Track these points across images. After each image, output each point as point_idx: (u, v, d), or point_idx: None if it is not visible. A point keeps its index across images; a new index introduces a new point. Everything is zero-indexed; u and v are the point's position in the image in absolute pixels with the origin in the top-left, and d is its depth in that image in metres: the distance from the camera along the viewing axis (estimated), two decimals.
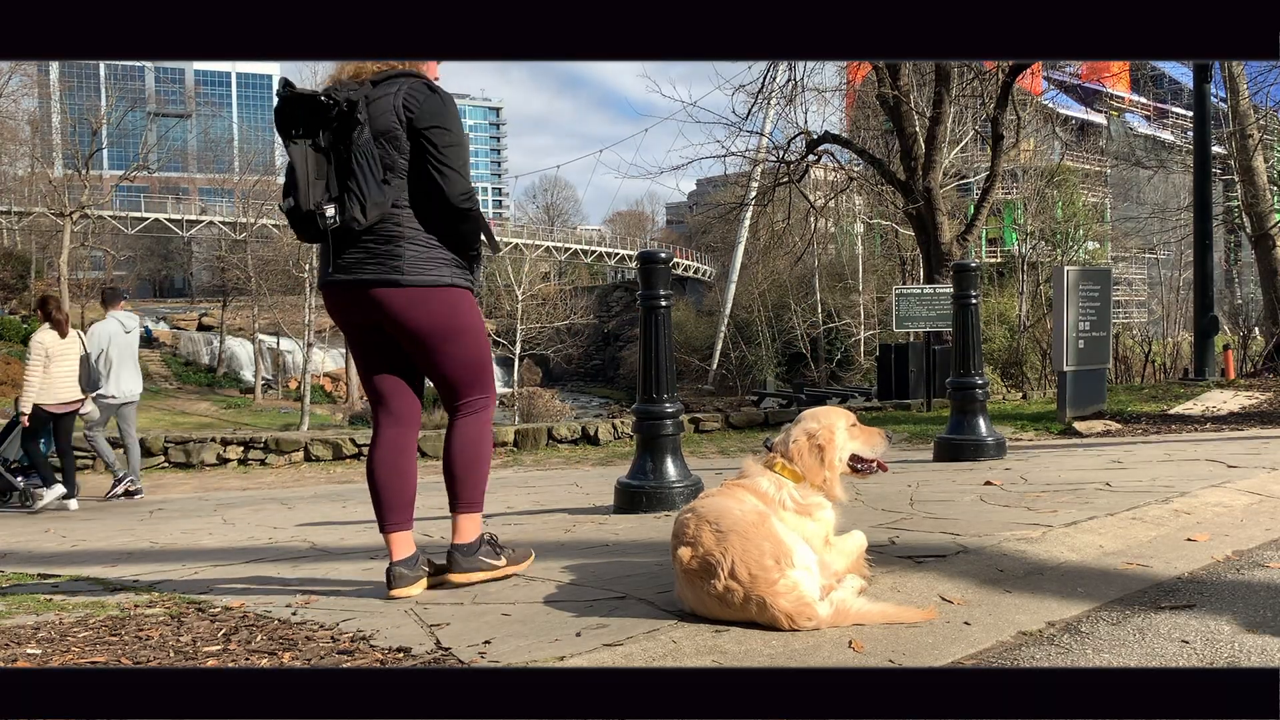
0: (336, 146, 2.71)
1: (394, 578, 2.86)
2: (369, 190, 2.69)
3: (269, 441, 10.98)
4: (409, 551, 2.91)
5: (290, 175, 2.72)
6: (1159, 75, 36.82)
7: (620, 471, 5.00)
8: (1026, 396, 15.15)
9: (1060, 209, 36.38)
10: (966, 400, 5.98)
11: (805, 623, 2.20)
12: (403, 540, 2.91)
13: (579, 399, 48.50)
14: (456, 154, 2.80)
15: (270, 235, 43.58)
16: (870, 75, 16.96)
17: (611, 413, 36.98)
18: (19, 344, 40.36)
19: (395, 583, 2.86)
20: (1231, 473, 4.50)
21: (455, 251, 2.87)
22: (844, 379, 38.50)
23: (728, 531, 2.26)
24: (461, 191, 2.80)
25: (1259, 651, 2.09)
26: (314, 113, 2.70)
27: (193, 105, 66.86)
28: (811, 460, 2.46)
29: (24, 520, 7.11)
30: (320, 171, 2.70)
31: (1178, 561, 2.90)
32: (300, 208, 2.70)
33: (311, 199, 2.69)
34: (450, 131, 2.80)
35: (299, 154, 2.69)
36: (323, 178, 2.71)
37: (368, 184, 2.69)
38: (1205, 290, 11.88)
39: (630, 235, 68.76)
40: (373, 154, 2.71)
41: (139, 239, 52.09)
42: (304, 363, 38.96)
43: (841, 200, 25.58)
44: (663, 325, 4.56)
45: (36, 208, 40.81)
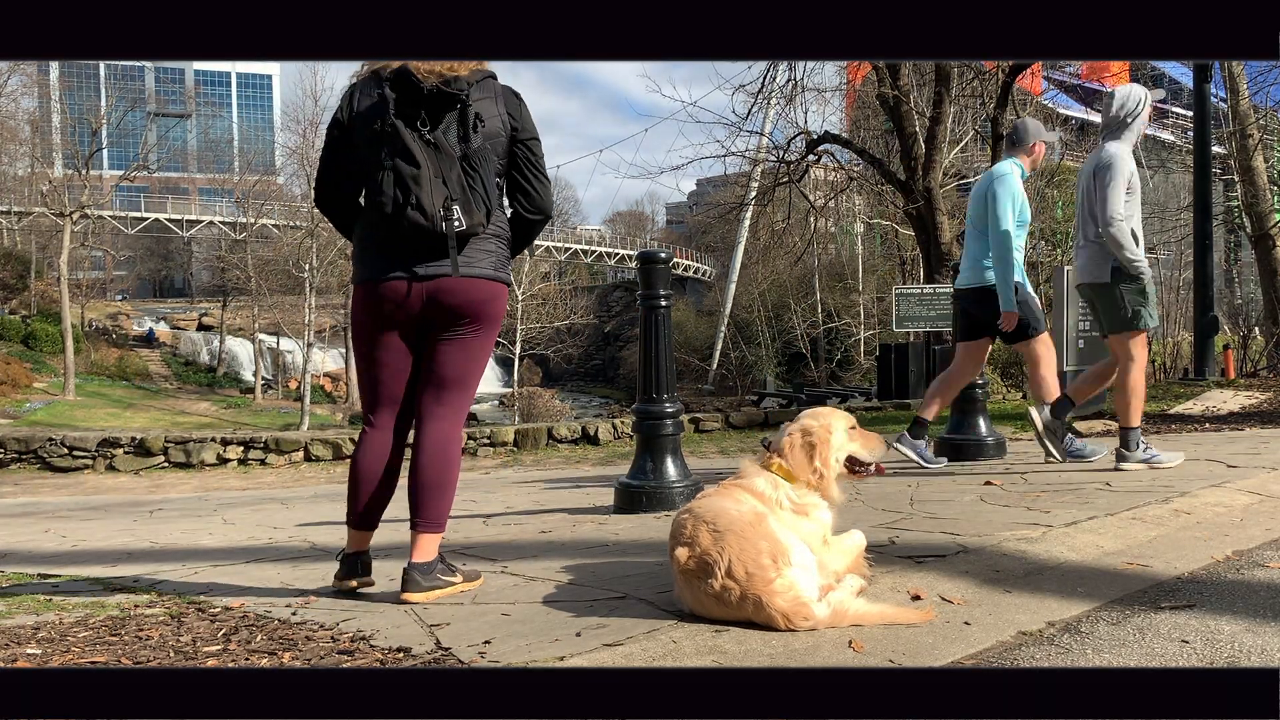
0: (460, 146, 2.69)
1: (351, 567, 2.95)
2: (492, 195, 2.74)
3: (269, 441, 10.98)
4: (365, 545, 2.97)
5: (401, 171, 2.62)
6: (1159, 75, 36.79)
7: (620, 471, 5.00)
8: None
9: (1060, 209, 36.37)
10: (967, 400, 5.98)
11: (802, 623, 2.20)
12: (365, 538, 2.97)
13: (579, 399, 48.48)
14: (544, 164, 2.94)
15: (270, 235, 43.56)
16: (870, 75, 16.95)
17: (611, 413, 36.98)
18: (19, 344, 40.42)
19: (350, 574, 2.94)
20: (1231, 472, 4.50)
21: (514, 250, 2.97)
22: (844, 379, 38.47)
23: (724, 531, 2.26)
24: (551, 199, 2.98)
25: (1259, 651, 2.09)
26: (438, 107, 2.67)
27: (193, 105, 66.81)
28: (805, 459, 2.46)
29: (24, 520, 7.11)
30: (437, 170, 2.66)
31: (1178, 561, 2.90)
32: (425, 209, 2.62)
33: (435, 200, 2.63)
34: (540, 142, 2.92)
35: (420, 149, 2.64)
36: (440, 176, 2.66)
37: (490, 189, 2.73)
38: (1205, 290, 11.87)
39: (630, 235, 68.71)
40: (487, 158, 2.74)
41: (139, 239, 52.08)
42: (304, 363, 38.94)
43: (841, 200, 25.59)
44: (663, 325, 4.56)
45: (36, 208, 40.75)
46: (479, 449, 10.84)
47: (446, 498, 2.87)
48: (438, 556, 2.87)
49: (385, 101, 2.67)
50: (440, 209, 2.63)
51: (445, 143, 2.67)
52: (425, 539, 2.83)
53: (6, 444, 10.72)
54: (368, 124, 2.71)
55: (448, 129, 2.69)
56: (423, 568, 2.81)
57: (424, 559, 2.82)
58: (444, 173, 2.65)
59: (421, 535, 2.83)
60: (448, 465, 2.86)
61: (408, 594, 2.78)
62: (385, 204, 2.64)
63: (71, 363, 36.14)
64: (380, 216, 2.67)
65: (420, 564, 2.81)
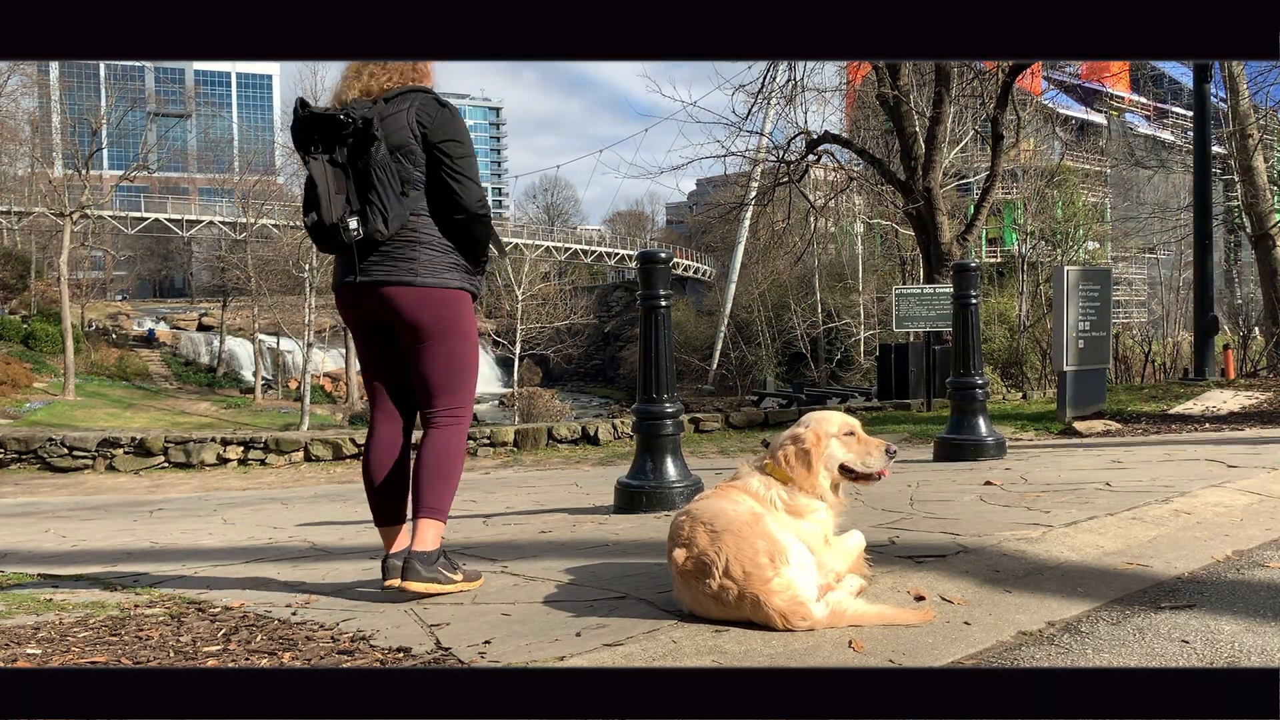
0: (354, 162, 2.82)
1: (389, 570, 2.92)
2: (390, 203, 2.82)
3: (269, 441, 10.97)
4: (404, 544, 2.96)
5: (310, 191, 2.82)
6: (1159, 75, 36.80)
7: (620, 471, 5.00)
8: (1026, 396, 15.14)
9: (1060, 209, 36.36)
10: (966, 400, 5.98)
11: (799, 623, 2.19)
12: (396, 534, 3.00)
13: (579, 399, 48.50)
14: (469, 164, 2.97)
15: (270, 235, 43.54)
16: (870, 75, 16.93)
17: (611, 413, 36.98)
18: (19, 344, 40.42)
19: (390, 574, 2.91)
20: (1231, 472, 4.50)
21: (467, 258, 3.01)
22: (844, 379, 38.48)
23: (722, 531, 2.26)
24: (478, 199, 2.97)
25: (1259, 651, 2.09)
26: (331, 130, 2.82)
27: (193, 105, 66.83)
28: (798, 465, 2.46)
29: (24, 520, 7.11)
30: (340, 186, 2.82)
31: (1178, 561, 2.90)
32: (324, 221, 2.80)
33: (334, 213, 2.80)
34: (462, 144, 2.95)
35: (319, 170, 2.80)
36: (342, 192, 2.82)
37: (388, 197, 2.82)
38: (1205, 290, 11.87)
39: (630, 235, 68.73)
40: (390, 168, 2.83)
41: (139, 239, 52.07)
42: (304, 363, 38.94)
43: (841, 200, 25.54)
44: (663, 325, 4.56)
45: (36, 208, 40.75)
46: (479, 449, 10.83)
47: (448, 487, 2.93)
48: (440, 550, 2.91)
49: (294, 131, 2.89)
50: (338, 221, 2.80)
51: (341, 160, 2.83)
52: (425, 525, 2.88)
53: (6, 444, 10.71)
54: None
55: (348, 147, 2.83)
56: (423, 557, 2.85)
57: (424, 548, 2.87)
58: (345, 188, 2.82)
59: (421, 521, 2.88)
60: (447, 456, 2.94)
61: (407, 583, 2.82)
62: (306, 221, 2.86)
63: (71, 363, 36.14)
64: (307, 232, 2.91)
65: (420, 553, 2.86)
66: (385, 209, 2.81)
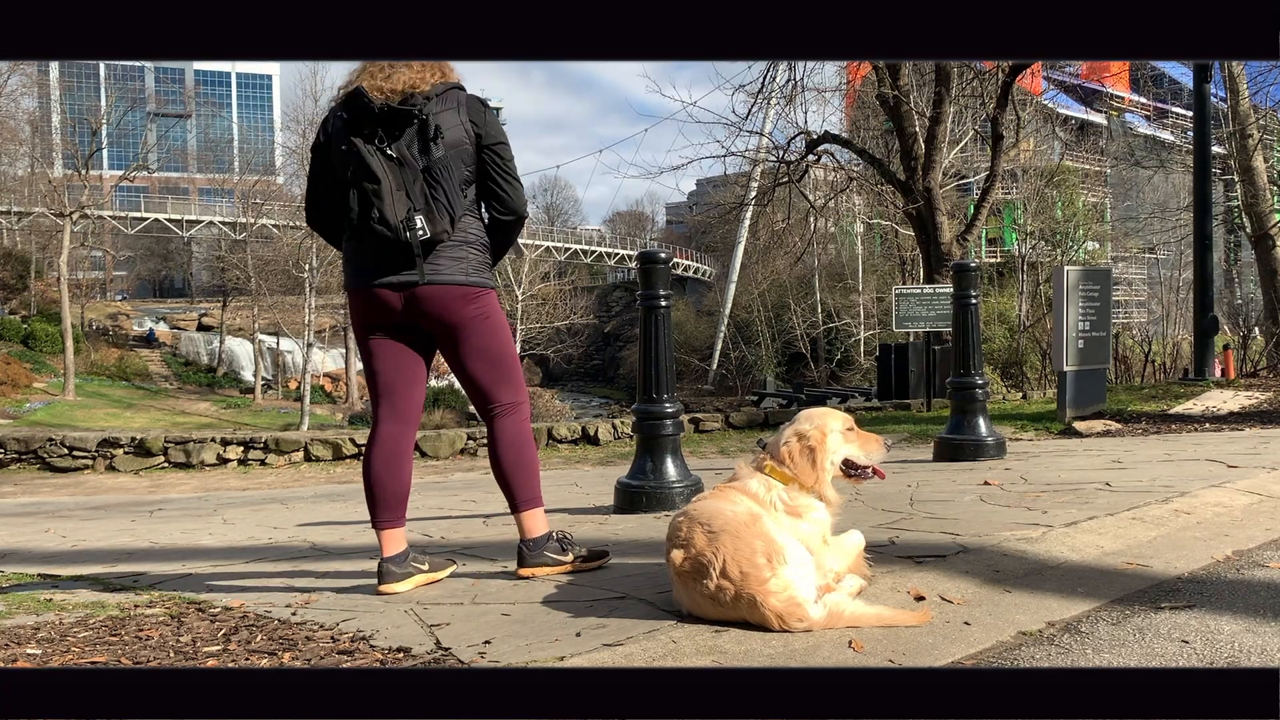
0: (411, 158, 2.78)
1: (383, 574, 2.94)
2: (455, 203, 2.83)
3: (269, 441, 10.97)
4: (399, 548, 2.98)
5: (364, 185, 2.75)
6: (1159, 75, 36.78)
7: (620, 471, 5.00)
8: (1026, 396, 15.15)
9: (1060, 209, 36.38)
10: (966, 400, 5.98)
11: (796, 624, 2.19)
12: (393, 537, 2.99)
13: (579, 399, 48.49)
14: (515, 167, 3.02)
15: (270, 235, 43.53)
16: (870, 75, 16.93)
17: (611, 413, 37.00)
18: (19, 344, 40.41)
19: (384, 579, 2.93)
20: (1231, 473, 4.50)
21: (495, 255, 3.06)
22: (844, 379, 38.47)
23: (719, 532, 2.26)
24: (524, 200, 3.04)
25: (1259, 651, 2.09)
26: (394, 124, 2.78)
27: (192, 105, 66.77)
28: (802, 462, 2.45)
29: (24, 520, 7.11)
30: (399, 183, 2.77)
31: (1178, 561, 2.90)
32: (387, 219, 2.75)
33: (398, 211, 2.75)
34: (509, 146, 3.01)
35: (379, 164, 2.75)
36: (403, 189, 2.78)
37: (453, 196, 2.82)
38: (1205, 290, 11.86)
39: (630, 235, 68.67)
40: (450, 167, 2.83)
41: (139, 239, 52.06)
42: (304, 363, 38.93)
43: (841, 200, 25.55)
44: (663, 325, 4.56)
45: (36, 208, 40.74)
46: (479, 449, 10.83)
47: (532, 473, 3.05)
48: (548, 533, 3.06)
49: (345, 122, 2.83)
50: (403, 220, 2.76)
51: (407, 156, 2.78)
52: (526, 516, 3.04)
53: (6, 444, 10.71)
54: (337, 145, 2.85)
55: (410, 143, 2.79)
56: (530, 544, 3.03)
57: (530, 535, 3.04)
58: (406, 185, 2.78)
59: (522, 514, 3.04)
60: (522, 446, 3.04)
61: (522, 569, 3.01)
62: (354, 218, 2.79)
63: (71, 363, 36.14)
64: (351, 230, 2.83)
65: (528, 540, 3.04)
66: (452, 209, 2.81)
